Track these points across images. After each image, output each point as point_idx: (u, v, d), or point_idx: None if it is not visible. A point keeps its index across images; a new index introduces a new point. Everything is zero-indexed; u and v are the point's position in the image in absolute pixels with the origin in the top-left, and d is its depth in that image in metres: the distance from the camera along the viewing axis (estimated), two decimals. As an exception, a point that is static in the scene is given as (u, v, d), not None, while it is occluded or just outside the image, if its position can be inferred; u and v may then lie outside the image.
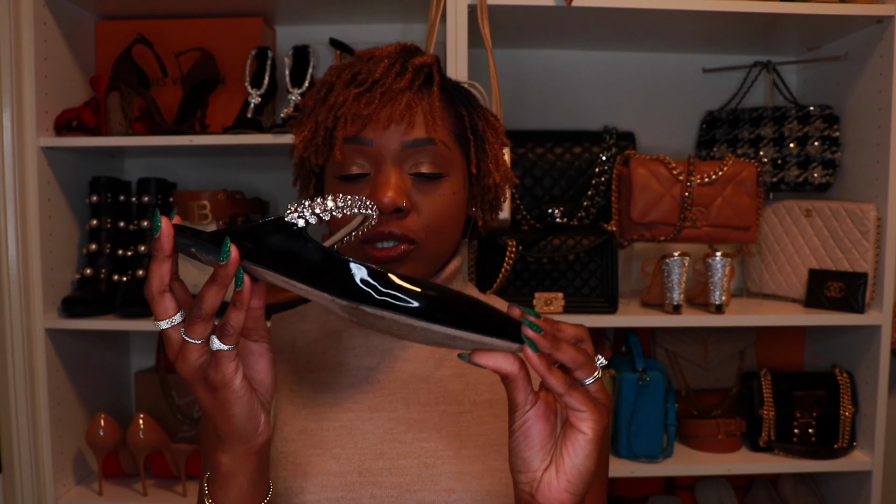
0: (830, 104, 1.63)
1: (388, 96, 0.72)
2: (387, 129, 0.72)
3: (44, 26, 1.42)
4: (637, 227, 1.54)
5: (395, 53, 0.76)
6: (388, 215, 0.72)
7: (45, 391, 1.43)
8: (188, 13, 1.59)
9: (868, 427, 1.52)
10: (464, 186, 0.79)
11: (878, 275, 1.50)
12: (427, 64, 0.76)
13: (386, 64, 0.74)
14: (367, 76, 0.74)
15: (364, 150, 0.73)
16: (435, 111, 0.74)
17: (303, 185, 0.85)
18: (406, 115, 0.72)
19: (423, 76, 0.75)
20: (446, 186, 0.75)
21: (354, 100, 0.72)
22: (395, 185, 0.72)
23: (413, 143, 0.73)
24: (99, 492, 1.49)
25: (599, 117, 1.75)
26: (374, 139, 0.73)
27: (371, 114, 0.72)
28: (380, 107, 0.72)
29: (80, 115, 1.44)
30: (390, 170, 0.72)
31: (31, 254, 1.41)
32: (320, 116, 0.75)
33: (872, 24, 1.47)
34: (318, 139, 0.75)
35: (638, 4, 1.39)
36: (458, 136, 0.78)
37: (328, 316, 0.85)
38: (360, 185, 0.74)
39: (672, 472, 1.57)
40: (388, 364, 0.80)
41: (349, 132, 0.73)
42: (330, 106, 0.74)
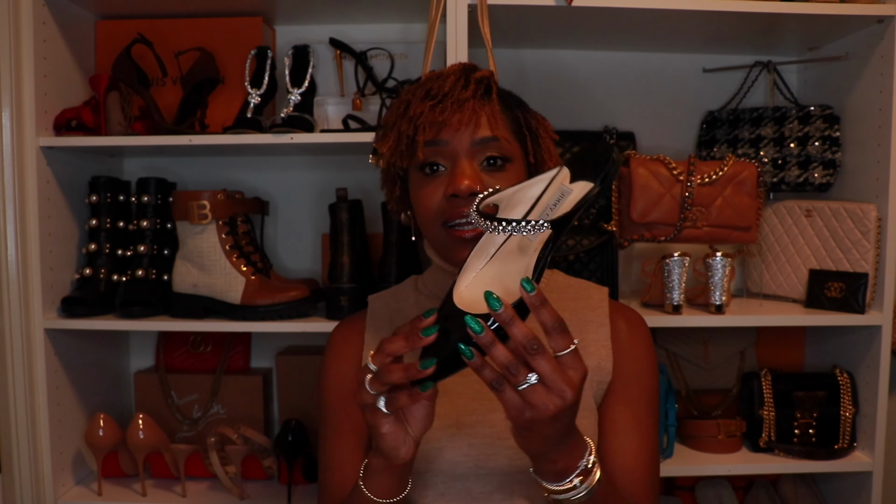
0: (831, 104, 1.63)
1: (457, 104, 0.89)
2: (458, 130, 0.89)
3: (43, 26, 1.42)
4: (637, 227, 1.54)
5: (459, 71, 0.93)
6: (465, 198, 0.87)
7: (44, 391, 1.42)
8: (188, 13, 1.59)
9: (868, 427, 1.52)
10: (525, 174, 0.94)
11: (878, 275, 1.50)
12: (486, 77, 0.93)
13: (453, 80, 0.91)
14: (439, 91, 0.90)
15: (441, 150, 0.90)
16: (496, 114, 0.91)
17: (390, 187, 1.02)
18: (473, 118, 0.88)
19: (483, 87, 0.92)
20: (511, 172, 0.91)
21: (430, 110, 0.89)
22: (470, 174, 0.88)
23: (481, 141, 0.89)
24: (98, 492, 1.48)
25: (599, 117, 1.74)
26: (449, 140, 0.89)
27: (445, 119, 0.88)
28: (451, 114, 0.88)
29: (79, 114, 1.44)
30: (464, 162, 0.89)
31: (30, 254, 1.41)
32: (402, 127, 0.91)
33: (873, 23, 1.47)
34: (402, 146, 0.91)
35: (638, 4, 1.39)
36: (517, 134, 0.94)
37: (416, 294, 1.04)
38: (440, 177, 0.90)
39: (672, 473, 1.57)
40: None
41: (428, 136, 0.89)
42: (410, 118, 0.90)
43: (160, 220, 1.54)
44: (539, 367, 0.66)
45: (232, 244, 1.45)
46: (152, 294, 1.47)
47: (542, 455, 0.73)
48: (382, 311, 1.04)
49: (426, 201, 0.91)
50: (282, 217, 1.76)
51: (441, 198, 0.89)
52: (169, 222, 1.54)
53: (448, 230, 0.89)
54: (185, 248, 1.45)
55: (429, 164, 0.91)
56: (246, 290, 1.42)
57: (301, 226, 1.74)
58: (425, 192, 0.91)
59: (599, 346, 0.98)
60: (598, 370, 0.96)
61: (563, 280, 1.06)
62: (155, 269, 1.51)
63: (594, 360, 0.96)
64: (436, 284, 1.02)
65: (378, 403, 0.71)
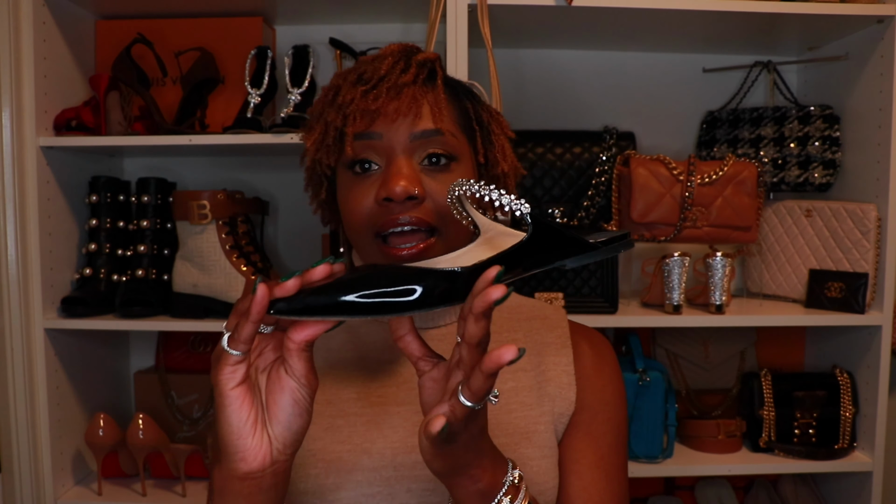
0: (831, 104, 1.63)
1: (394, 91, 0.75)
2: (395, 121, 0.74)
3: (43, 26, 1.42)
4: (637, 228, 1.54)
5: (398, 52, 0.78)
6: (401, 203, 0.73)
7: (44, 391, 1.42)
8: (188, 13, 1.59)
9: (868, 427, 1.52)
10: (473, 176, 0.80)
11: (878, 275, 1.50)
12: (430, 59, 0.79)
13: (390, 62, 0.77)
14: (373, 74, 0.76)
15: (374, 145, 0.75)
16: (440, 103, 0.76)
17: (315, 188, 0.86)
18: (413, 108, 0.74)
19: (426, 71, 0.78)
20: (456, 175, 0.77)
21: (362, 97, 0.75)
22: (407, 174, 0.73)
23: (422, 134, 0.75)
24: (98, 492, 1.48)
25: (599, 117, 1.74)
26: (384, 132, 0.75)
27: (379, 108, 0.74)
28: (387, 101, 0.74)
29: (79, 114, 1.44)
30: (401, 160, 0.74)
31: (30, 253, 1.41)
32: (330, 117, 0.77)
33: (873, 23, 1.47)
34: (328, 139, 0.77)
35: (638, 4, 1.39)
36: (465, 128, 0.80)
37: None
38: (372, 177, 0.76)
39: (672, 473, 1.57)
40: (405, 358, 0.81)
41: (359, 128, 0.75)
42: (338, 106, 0.76)
43: (160, 220, 1.54)
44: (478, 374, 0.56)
45: (232, 244, 1.45)
46: (152, 294, 1.47)
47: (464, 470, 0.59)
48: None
49: (354, 205, 0.76)
50: (282, 217, 1.76)
51: (372, 202, 0.74)
52: (169, 222, 1.54)
53: (381, 245, 0.75)
54: (185, 248, 1.45)
55: (359, 162, 0.76)
56: (246, 289, 1.42)
57: (301, 226, 1.74)
58: (354, 195, 0.76)
59: (560, 371, 0.84)
60: (559, 400, 0.82)
61: (514, 299, 0.91)
62: (155, 269, 1.51)
63: (553, 388, 0.82)
64: None
65: (222, 341, 0.56)
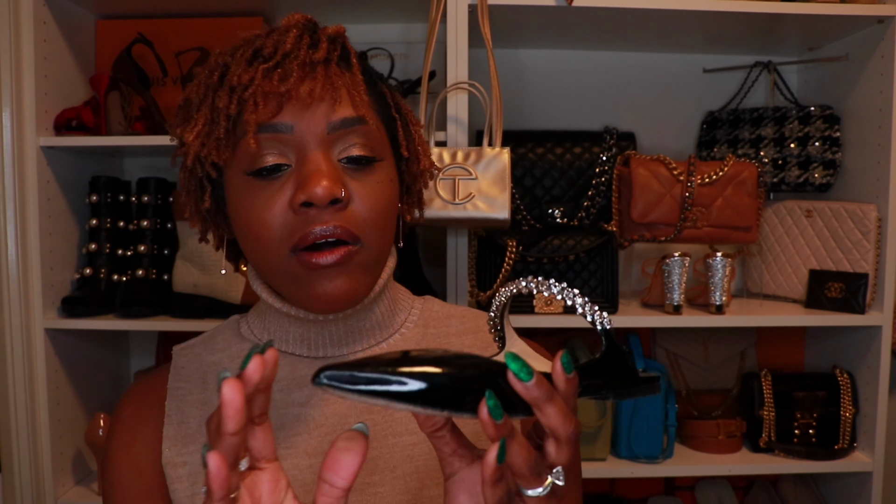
0: (831, 104, 1.63)
1: (305, 69, 0.61)
2: (308, 107, 0.61)
3: (44, 26, 1.42)
4: (637, 228, 1.54)
5: (300, 23, 0.65)
6: (322, 209, 0.60)
7: (44, 391, 1.42)
8: (188, 13, 1.59)
9: (868, 428, 1.52)
10: (395, 173, 0.68)
11: (878, 275, 1.50)
12: (340, 34, 0.66)
13: (295, 34, 0.63)
14: (275, 49, 0.62)
15: (282, 139, 0.61)
16: (359, 86, 0.64)
17: (195, 196, 0.68)
18: (329, 91, 0.61)
19: (339, 47, 0.65)
20: (382, 172, 0.65)
21: (264, 77, 0.60)
22: (329, 173, 0.60)
23: (342, 124, 0.62)
24: (98, 492, 1.48)
25: (599, 117, 1.74)
26: (294, 123, 0.61)
27: (290, 90, 0.60)
28: (298, 81, 0.60)
29: (79, 114, 1.44)
30: (318, 156, 0.61)
31: (30, 253, 1.41)
32: (220, 103, 0.61)
33: (873, 24, 1.47)
34: (218, 131, 0.61)
35: (638, 4, 1.39)
36: (383, 117, 0.68)
37: (240, 343, 0.72)
38: (280, 179, 0.62)
39: (672, 473, 1.57)
40: (320, 396, 0.68)
41: (263, 116, 0.60)
42: (231, 89, 0.61)
43: (160, 219, 1.54)
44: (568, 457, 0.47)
45: (232, 244, 1.45)
46: (152, 294, 1.47)
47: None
48: (192, 369, 0.71)
49: (260, 215, 0.61)
50: (282, 217, 1.75)
51: (284, 209, 0.61)
52: (169, 222, 1.54)
53: (299, 257, 0.61)
54: (186, 248, 1.45)
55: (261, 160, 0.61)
56: (246, 290, 1.42)
57: (301, 226, 1.73)
58: (258, 202, 0.61)
59: None
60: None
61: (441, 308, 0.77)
62: (155, 269, 1.51)
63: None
64: (268, 330, 0.71)
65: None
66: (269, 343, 0.43)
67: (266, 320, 0.71)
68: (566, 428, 0.45)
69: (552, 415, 0.44)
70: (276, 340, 0.70)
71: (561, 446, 0.45)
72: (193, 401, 0.69)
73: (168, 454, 0.66)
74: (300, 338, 0.70)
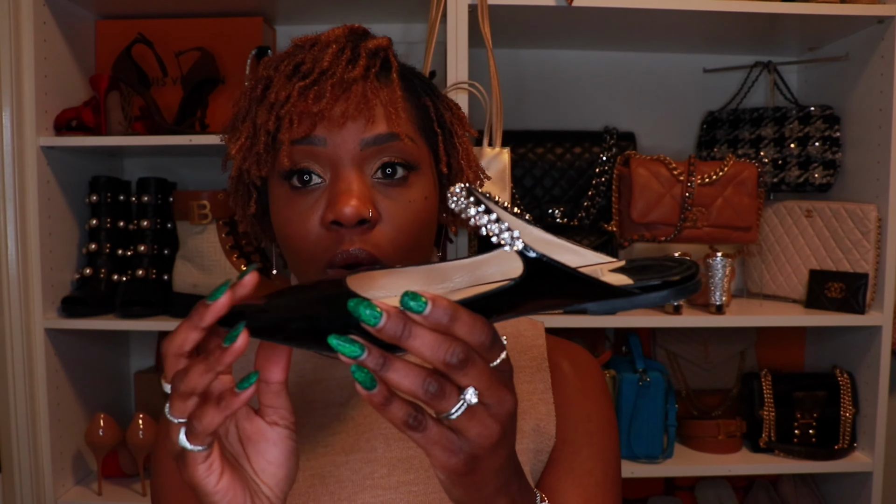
0: (831, 104, 1.63)
1: (340, 88, 0.61)
2: (342, 126, 0.61)
3: (44, 26, 1.42)
4: (637, 228, 1.54)
5: (342, 37, 0.64)
6: (350, 228, 0.60)
7: (44, 391, 1.42)
8: (188, 13, 1.59)
9: (868, 428, 1.52)
10: (435, 189, 0.67)
11: (878, 275, 1.50)
12: (382, 47, 0.65)
13: (334, 50, 0.62)
14: (313, 65, 0.62)
15: (316, 152, 0.61)
16: (397, 102, 0.63)
17: (243, 202, 0.71)
18: (363, 110, 0.60)
19: (378, 62, 0.64)
20: (416, 190, 0.63)
21: (300, 95, 0.60)
22: (358, 192, 0.60)
23: (374, 140, 0.61)
24: (98, 492, 1.48)
25: (599, 117, 1.74)
26: (328, 138, 0.61)
27: (322, 111, 0.60)
28: (332, 101, 0.60)
29: (79, 114, 1.44)
30: (350, 174, 0.61)
31: (30, 253, 1.41)
32: (259, 119, 0.62)
33: (873, 24, 1.47)
34: (258, 146, 0.63)
35: (638, 4, 1.39)
36: (424, 131, 0.67)
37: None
38: (315, 193, 0.62)
39: (672, 473, 1.57)
40: (358, 398, 0.69)
41: (297, 134, 0.61)
42: (270, 105, 0.62)
43: (160, 220, 1.54)
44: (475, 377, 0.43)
45: (232, 244, 1.45)
46: (152, 294, 1.47)
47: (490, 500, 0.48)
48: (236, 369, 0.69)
49: (296, 229, 0.62)
50: (282, 217, 1.75)
51: (317, 225, 0.61)
52: (169, 222, 1.54)
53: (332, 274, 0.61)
54: (186, 248, 1.45)
55: (297, 173, 0.62)
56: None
57: (301, 226, 1.73)
58: (294, 215, 0.62)
59: (536, 400, 0.71)
60: (536, 435, 0.69)
61: None
62: (155, 269, 1.51)
63: (529, 421, 0.69)
64: None
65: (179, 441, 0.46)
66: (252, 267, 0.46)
67: None
68: (439, 353, 0.42)
69: (417, 347, 0.42)
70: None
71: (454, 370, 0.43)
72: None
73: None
74: None
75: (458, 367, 0.42)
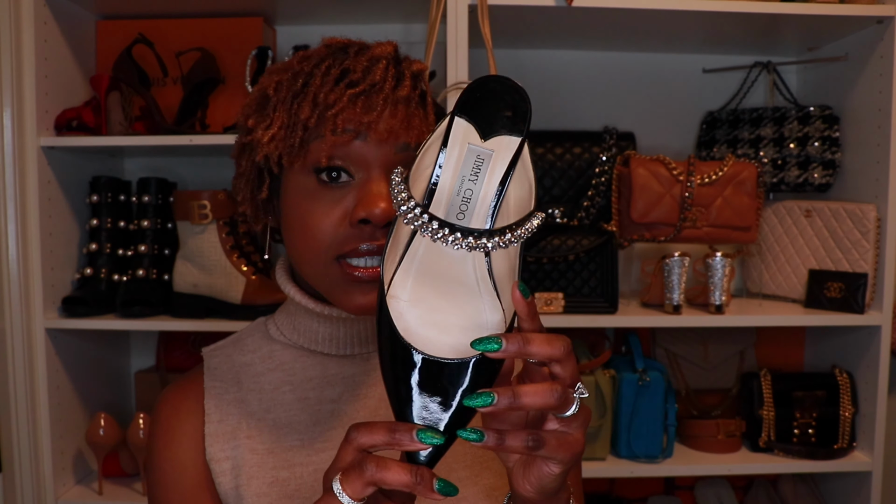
0: (830, 105, 1.63)
1: (388, 104, 0.65)
2: (385, 140, 0.65)
3: (44, 26, 1.42)
4: (637, 228, 1.54)
5: (389, 56, 0.68)
6: (376, 227, 0.64)
7: (45, 391, 1.43)
8: (188, 13, 1.59)
9: (868, 427, 1.52)
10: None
11: (878, 275, 1.50)
12: (422, 72, 0.70)
13: (383, 66, 0.66)
14: (364, 77, 0.66)
15: (353, 153, 0.65)
16: (431, 126, 0.68)
17: (254, 185, 0.72)
18: (406, 128, 0.65)
19: (419, 86, 0.69)
20: None
21: (350, 102, 0.64)
22: (388, 195, 0.63)
23: (406, 147, 0.66)
24: (99, 491, 1.49)
25: (599, 117, 1.75)
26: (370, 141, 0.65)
27: (371, 122, 0.64)
28: (379, 115, 0.64)
29: (80, 114, 1.44)
30: (382, 177, 0.65)
31: (31, 253, 1.41)
32: (302, 113, 0.65)
33: (873, 24, 1.47)
34: (293, 138, 0.65)
35: (638, 4, 1.39)
36: None
37: (270, 344, 0.76)
38: (342, 190, 0.65)
39: (672, 473, 1.57)
40: (351, 392, 0.72)
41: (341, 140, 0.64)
42: (313, 102, 0.65)
43: (161, 220, 1.54)
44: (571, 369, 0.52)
45: (232, 244, 1.45)
46: (153, 294, 1.47)
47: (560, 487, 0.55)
48: (224, 369, 0.75)
49: (318, 220, 0.65)
50: (282, 217, 1.76)
51: (341, 220, 0.65)
52: (169, 222, 1.54)
53: (342, 264, 0.65)
54: (186, 248, 1.46)
55: (329, 169, 0.65)
56: (246, 289, 1.42)
57: (301, 226, 1.73)
58: (318, 207, 0.65)
59: None
60: None
61: None
62: (155, 269, 1.51)
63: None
64: (297, 331, 0.75)
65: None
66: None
67: (295, 320, 0.75)
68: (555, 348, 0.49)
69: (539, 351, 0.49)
70: (306, 340, 0.74)
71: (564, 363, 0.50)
72: (230, 399, 0.73)
73: (211, 451, 0.70)
74: (329, 337, 0.74)
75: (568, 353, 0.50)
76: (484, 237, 0.50)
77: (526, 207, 0.54)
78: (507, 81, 0.54)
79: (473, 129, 0.55)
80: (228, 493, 0.69)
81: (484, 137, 0.55)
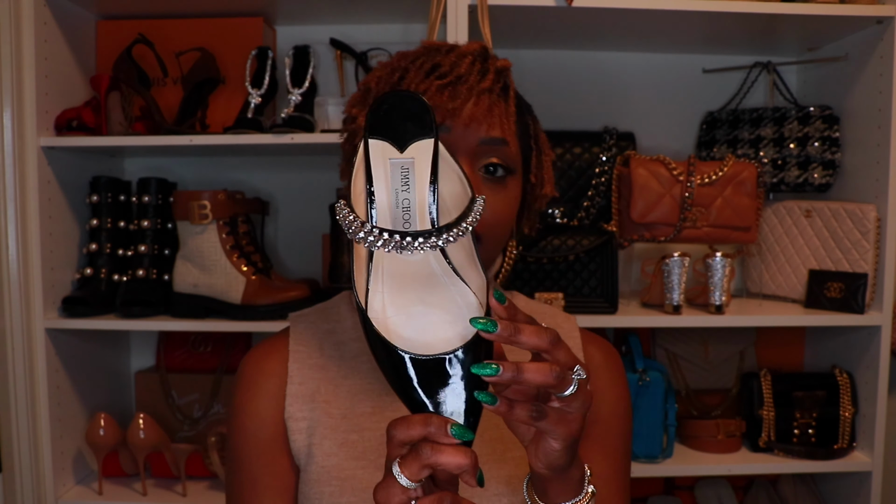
0: (830, 105, 1.63)
1: (472, 94, 0.73)
2: (468, 126, 0.73)
3: (44, 26, 1.42)
4: (637, 228, 1.54)
5: (475, 52, 0.77)
6: None
7: (45, 391, 1.43)
8: (188, 13, 1.59)
9: (868, 428, 1.52)
10: (519, 195, 0.80)
11: (877, 275, 1.50)
12: (507, 69, 0.79)
13: (469, 61, 0.75)
14: (451, 70, 0.74)
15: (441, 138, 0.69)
16: (511, 115, 0.76)
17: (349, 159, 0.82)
18: (487, 116, 0.73)
19: (503, 80, 0.77)
20: (511, 188, 0.77)
21: (438, 91, 0.72)
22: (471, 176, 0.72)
23: (490, 141, 0.74)
24: (99, 491, 1.49)
25: (599, 117, 1.75)
26: (453, 129, 0.73)
27: (456, 109, 0.72)
28: (463, 103, 0.72)
29: (80, 114, 1.44)
30: (465, 162, 0.73)
31: (31, 253, 1.41)
32: None
33: (872, 24, 1.47)
34: None
35: (638, 4, 1.39)
36: (523, 144, 0.80)
37: (354, 315, 0.82)
38: None
39: (672, 473, 1.57)
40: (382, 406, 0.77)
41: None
42: None
43: (161, 220, 1.54)
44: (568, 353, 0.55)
45: (232, 244, 1.45)
46: (153, 294, 1.47)
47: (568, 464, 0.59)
48: (309, 335, 0.81)
49: None
50: (282, 217, 1.76)
51: None
52: (169, 222, 1.54)
53: None
54: (186, 248, 1.46)
55: None
56: (246, 289, 1.42)
57: (301, 226, 1.74)
58: None
59: None
60: None
61: (525, 304, 0.90)
62: (155, 269, 1.51)
63: None
64: None
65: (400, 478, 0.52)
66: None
67: None
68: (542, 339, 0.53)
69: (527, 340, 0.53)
70: None
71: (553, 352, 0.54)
72: (312, 364, 0.79)
73: (290, 410, 0.77)
74: None
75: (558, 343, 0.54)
76: (433, 236, 0.54)
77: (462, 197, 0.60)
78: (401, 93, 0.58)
79: (389, 145, 0.59)
80: (301, 449, 0.75)
81: (401, 149, 0.59)
